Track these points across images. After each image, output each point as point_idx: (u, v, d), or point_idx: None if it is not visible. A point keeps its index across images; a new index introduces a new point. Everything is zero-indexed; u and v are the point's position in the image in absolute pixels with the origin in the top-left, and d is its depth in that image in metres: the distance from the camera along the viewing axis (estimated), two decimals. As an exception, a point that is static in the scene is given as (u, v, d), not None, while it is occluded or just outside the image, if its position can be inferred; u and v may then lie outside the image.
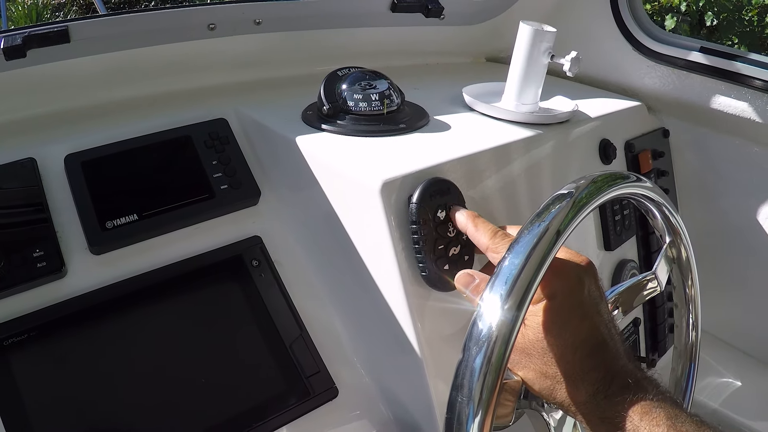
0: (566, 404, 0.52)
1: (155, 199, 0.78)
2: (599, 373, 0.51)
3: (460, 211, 0.66)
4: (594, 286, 0.56)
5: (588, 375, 0.51)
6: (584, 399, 0.51)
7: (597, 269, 0.58)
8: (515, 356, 0.55)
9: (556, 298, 0.54)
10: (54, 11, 5.44)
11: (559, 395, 0.53)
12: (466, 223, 0.65)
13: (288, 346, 0.75)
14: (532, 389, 0.56)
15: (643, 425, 0.47)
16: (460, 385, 0.48)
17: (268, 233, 0.82)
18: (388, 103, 0.82)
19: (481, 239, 0.62)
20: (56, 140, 0.79)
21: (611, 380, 0.50)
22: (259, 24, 0.97)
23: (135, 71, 0.92)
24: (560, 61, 0.87)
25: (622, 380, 0.50)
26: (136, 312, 0.72)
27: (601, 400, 0.50)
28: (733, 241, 1.21)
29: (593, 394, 0.50)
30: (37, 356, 0.66)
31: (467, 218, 0.65)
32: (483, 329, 0.48)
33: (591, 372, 0.51)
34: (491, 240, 0.60)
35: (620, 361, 0.52)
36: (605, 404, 0.49)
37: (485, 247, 0.61)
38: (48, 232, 0.72)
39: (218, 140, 0.85)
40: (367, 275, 0.73)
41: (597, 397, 0.50)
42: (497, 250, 0.59)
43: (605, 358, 0.52)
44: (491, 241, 0.60)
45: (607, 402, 0.49)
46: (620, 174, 0.65)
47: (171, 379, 0.69)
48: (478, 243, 0.63)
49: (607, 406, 0.49)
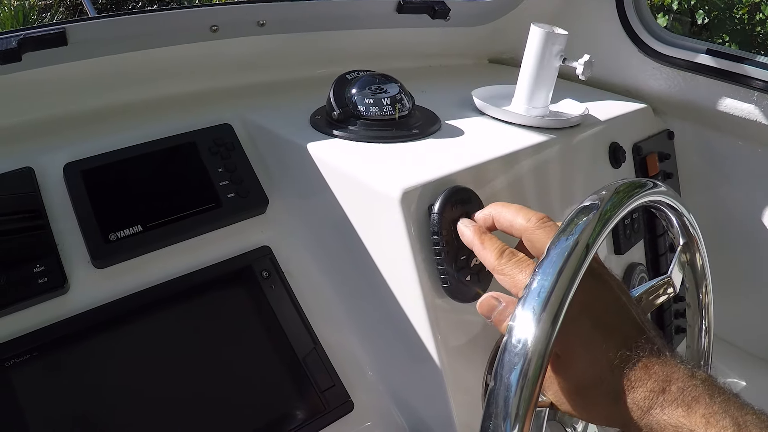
0: (611, 423, 0.48)
1: (160, 209, 0.75)
2: (650, 383, 0.46)
3: (466, 224, 0.62)
4: (616, 283, 0.53)
5: (636, 388, 0.46)
6: (636, 418, 0.46)
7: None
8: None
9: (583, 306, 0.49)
10: (41, 12, 5.35)
11: (598, 414, 0.49)
12: (472, 239, 0.60)
13: (301, 359, 0.73)
14: (563, 409, 0.52)
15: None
16: (494, 411, 0.46)
17: (277, 243, 0.80)
18: (399, 108, 0.80)
19: (487, 258, 0.57)
20: (55, 148, 0.76)
21: (663, 389, 0.45)
22: (262, 25, 0.94)
23: (135, 75, 0.89)
24: (573, 64, 0.86)
25: (676, 385, 0.45)
26: (142, 328, 0.69)
27: (658, 414, 0.45)
28: (738, 241, 1.20)
29: (646, 410, 0.45)
30: (40, 377, 0.63)
31: (474, 234, 0.60)
32: (518, 346, 0.46)
33: (639, 382, 0.46)
34: (497, 261, 0.55)
35: (667, 361, 0.47)
36: (661, 417, 0.45)
37: (491, 267, 0.56)
38: (48, 246, 0.69)
39: (223, 147, 0.82)
40: (384, 286, 0.71)
41: (652, 412, 0.45)
42: (504, 272, 0.55)
43: (651, 362, 0.47)
44: (497, 262, 0.55)
45: (663, 415, 0.45)
46: (639, 182, 0.64)
47: (181, 397, 0.67)
48: (484, 261, 0.58)
49: (663, 419, 0.44)
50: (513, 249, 0.57)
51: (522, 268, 0.53)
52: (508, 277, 0.54)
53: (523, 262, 0.54)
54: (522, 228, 0.56)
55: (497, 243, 0.58)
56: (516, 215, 0.57)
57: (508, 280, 0.54)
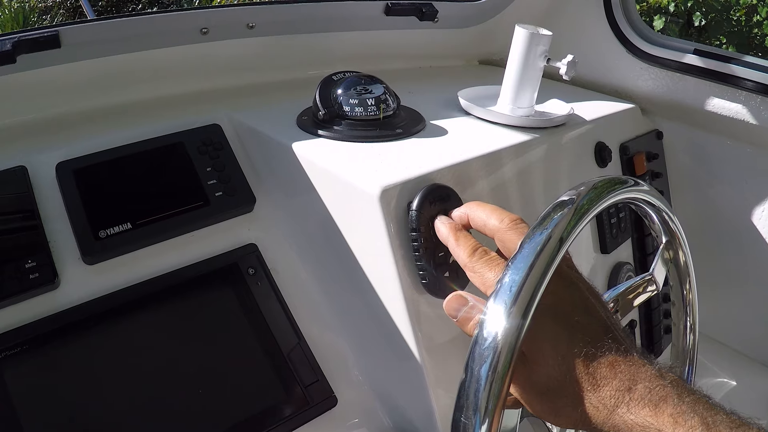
0: (577, 425, 0.48)
1: (149, 207, 0.77)
2: (615, 382, 0.46)
3: (442, 221, 0.63)
4: (585, 285, 0.53)
5: (602, 386, 0.46)
6: (602, 418, 0.46)
7: (593, 272, 0.56)
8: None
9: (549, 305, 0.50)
10: (41, 14, 5.39)
11: (566, 415, 0.48)
12: (447, 236, 0.61)
13: (286, 355, 0.74)
14: (533, 410, 0.52)
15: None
16: (464, 404, 0.47)
17: (263, 241, 0.81)
18: (384, 108, 0.81)
19: (460, 255, 0.57)
20: (47, 148, 0.78)
21: (629, 388, 0.45)
22: (252, 28, 0.96)
23: (127, 76, 0.91)
24: (557, 64, 0.87)
25: (643, 384, 0.45)
26: (131, 323, 0.71)
27: (624, 414, 0.45)
28: (726, 240, 1.21)
29: (612, 409, 0.45)
30: (31, 369, 0.64)
31: (449, 231, 0.61)
32: (488, 339, 0.47)
33: (604, 380, 0.46)
34: (469, 258, 0.56)
35: (634, 360, 0.47)
36: (627, 416, 0.44)
37: (463, 265, 0.57)
38: (40, 242, 0.70)
39: (212, 146, 0.83)
40: (366, 282, 0.72)
41: (618, 411, 0.45)
42: (474, 269, 0.55)
43: (617, 360, 0.47)
44: (469, 259, 0.56)
45: (630, 414, 0.44)
46: (619, 179, 0.65)
47: (167, 390, 0.68)
48: (457, 258, 0.58)
49: (630, 418, 0.44)
50: (486, 248, 0.57)
51: (491, 267, 0.54)
52: (478, 275, 0.54)
53: (493, 260, 0.54)
54: (494, 228, 0.56)
55: (471, 241, 0.58)
56: (490, 215, 0.58)
57: (478, 278, 0.54)
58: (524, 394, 0.51)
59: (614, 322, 0.52)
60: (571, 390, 0.47)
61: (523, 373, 0.50)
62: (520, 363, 0.49)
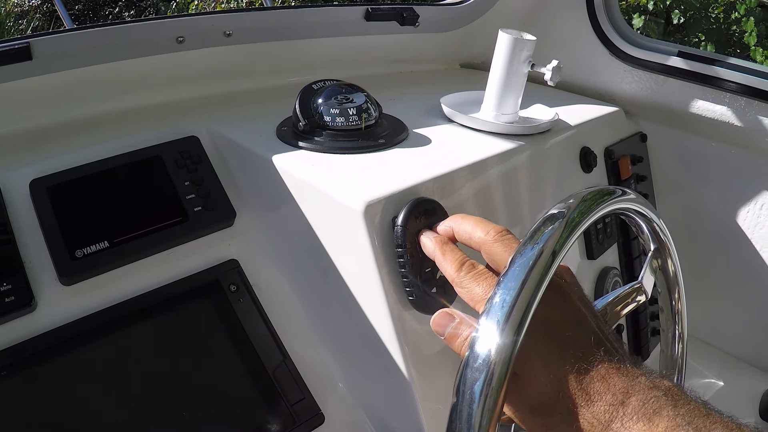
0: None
1: (126, 224, 0.74)
2: (609, 396, 0.45)
3: (428, 236, 0.62)
4: (576, 295, 0.52)
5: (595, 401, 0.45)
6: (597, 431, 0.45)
7: (580, 278, 0.55)
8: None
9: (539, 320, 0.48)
10: (17, 19, 5.30)
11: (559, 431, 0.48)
12: (434, 251, 0.59)
13: (270, 373, 0.72)
14: (526, 427, 0.51)
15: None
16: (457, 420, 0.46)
17: (245, 256, 0.79)
18: (365, 117, 0.80)
19: (447, 270, 0.56)
20: (20, 164, 0.75)
21: (623, 401, 0.44)
22: (229, 36, 0.93)
23: (101, 87, 0.88)
24: (541, 70, 0.86)
25: (636, 397, 0.44)
26: (111, 344, 0.69)
27: (619, 429, 0.44)
28: (712, 242, 1.21)
29: (607, 424, 0.44)
30: (10, 395, 0.62)
31: (435, 246, 0.59)
32: (480, 356, 0.46)
33: (597, 395, 0.45)
34: (457, 273, 0.55)
35: (627, 372, 0.46)
36: (621, 431, 0.44)
37: (451, 280, 0.56)
38: (15, 264, 0.68)
39: (190, 159, 0.81)
40: (351, 298, 0.70)
41: (612, 426, 0.44)
42: (462, 284, 0.54)
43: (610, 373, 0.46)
44: (457, 274, 0.55)
45: (624, 429, 0.44)
46: (607, 189, 0.64)
47: (150, 413, 0.66)
48: (445, 273, 0.57)
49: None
50: (473, 261, 0.56)
51: (479, 282, 0.53)
52: (466, 290, 0.53)
53: (481, 275, 0.53)
54: (480, 241, 0.55)
55: (458, 254, 0.57)
56: (475, 228, 0.57)
57: (466, 294, 0.53)
58: (517, 412, 0.50)
59: (606, 332, 0.51)
60: (565, 406, 0.47)
61: (515, 391, 0.49)
62: (512, 380, 0.48)
